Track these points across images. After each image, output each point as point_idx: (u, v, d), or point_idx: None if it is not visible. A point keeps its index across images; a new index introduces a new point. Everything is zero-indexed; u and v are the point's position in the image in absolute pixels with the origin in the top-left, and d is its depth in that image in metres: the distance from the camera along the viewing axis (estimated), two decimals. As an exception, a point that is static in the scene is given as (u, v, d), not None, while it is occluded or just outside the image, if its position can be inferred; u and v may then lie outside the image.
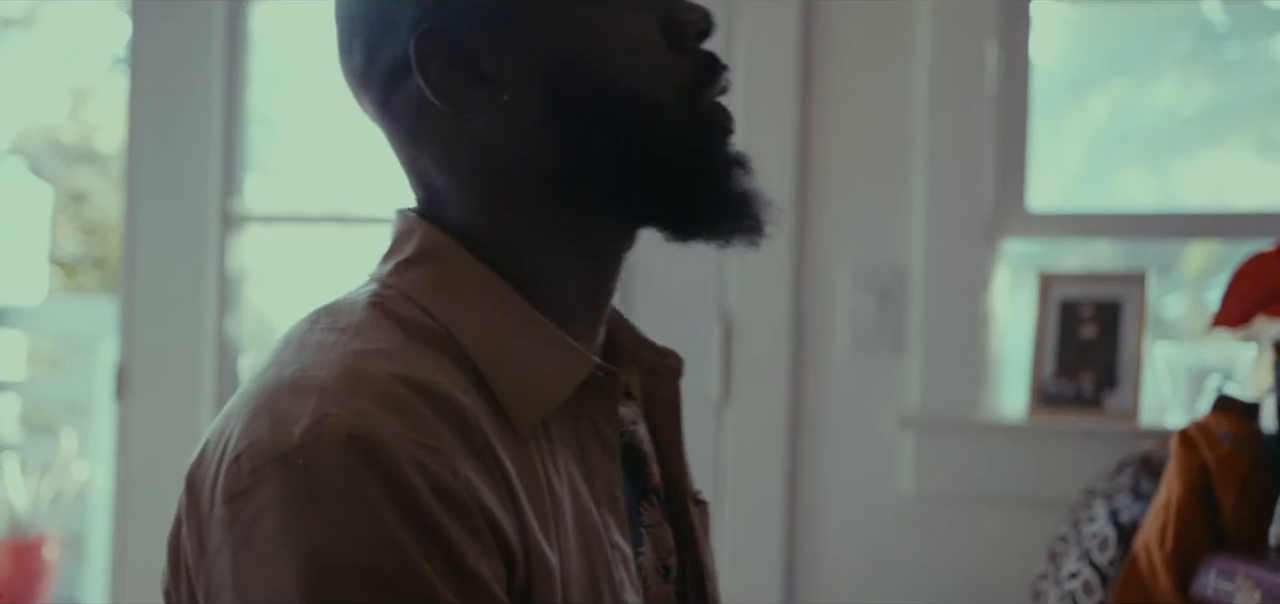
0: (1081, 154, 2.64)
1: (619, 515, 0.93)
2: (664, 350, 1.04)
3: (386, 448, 0.78)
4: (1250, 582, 1.51)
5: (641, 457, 1.00)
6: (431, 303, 0.90)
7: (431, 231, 0.93)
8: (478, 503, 0.80)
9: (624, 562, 0.92)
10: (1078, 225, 2.52)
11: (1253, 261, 1.95)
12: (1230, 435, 1.67)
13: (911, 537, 2.40)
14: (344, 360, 0.84)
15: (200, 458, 0.86)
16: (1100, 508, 1.89)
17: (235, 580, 0.80)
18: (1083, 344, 2.36)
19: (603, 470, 0.93)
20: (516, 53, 0.90)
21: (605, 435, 0.93)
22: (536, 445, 0.88)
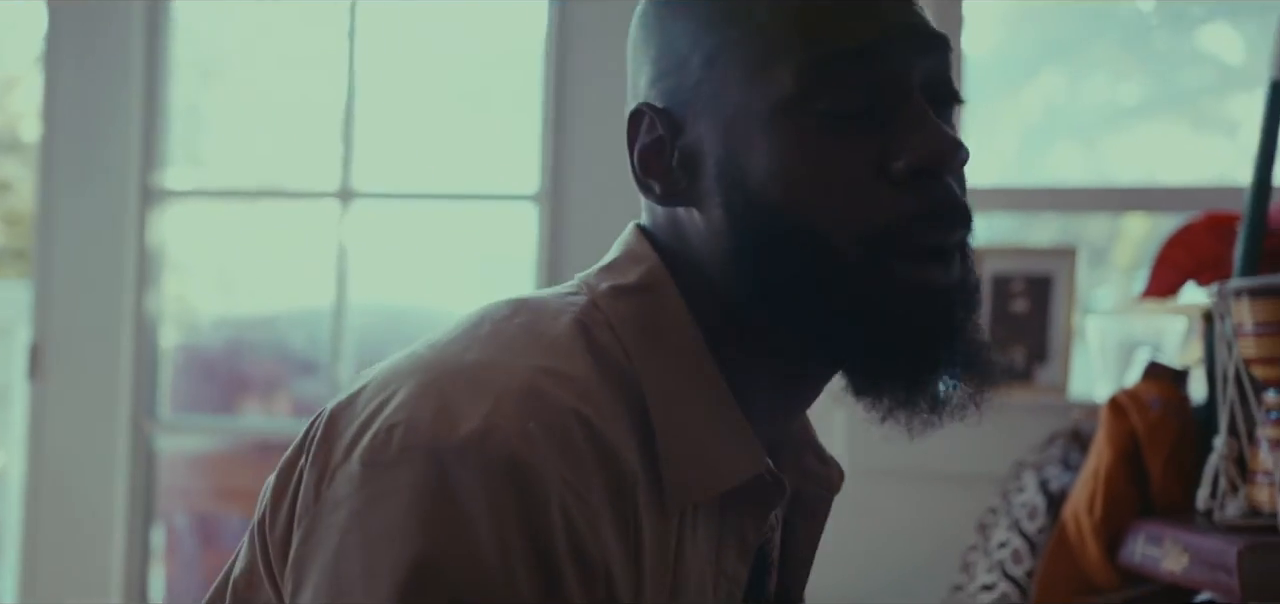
0: (1016, 138, 2.63)
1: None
2: (828, 459, 0.99)
3: (538, 480, 0.75)
4: (1178, 546, 1.50)
5: (767, 564, 0.96)
6: (633, 343, 0.85)
7: (657, 267, 0.88)
8: (604, 566, 0.77)
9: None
10: (1010, 200, 2.52)
11: (1182, 232, 1.95)
12: (1160, 402, 1.65)
13: (843, 512, 2.36)
14: (531, 373, 0.79)
15: (351, 401, 0.82)
16: (1030, 478, 1.88)
17: (338, 546, 0.76)
18: (1014, 318, 2.35)
19: (731, 571, 0.89)
20: (708, 157, 0.85)
21: (748, 538, 0.89)
22: (679, 526, 0.84)
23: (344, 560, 0.76)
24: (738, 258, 0.84)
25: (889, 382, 0.85)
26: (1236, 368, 1.49)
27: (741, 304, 0.85)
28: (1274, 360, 1.44)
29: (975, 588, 1.85)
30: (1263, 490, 1.45)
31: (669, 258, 0.88)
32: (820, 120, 0.82)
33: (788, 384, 0.90)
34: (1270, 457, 1.44)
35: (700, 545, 0.85)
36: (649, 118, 0.88)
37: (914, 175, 0.82)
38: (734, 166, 0.84)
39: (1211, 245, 1.88)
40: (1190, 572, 1.47)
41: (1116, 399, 1.68)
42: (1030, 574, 1.76)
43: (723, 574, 0.88)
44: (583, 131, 2.53)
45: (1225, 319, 1.50)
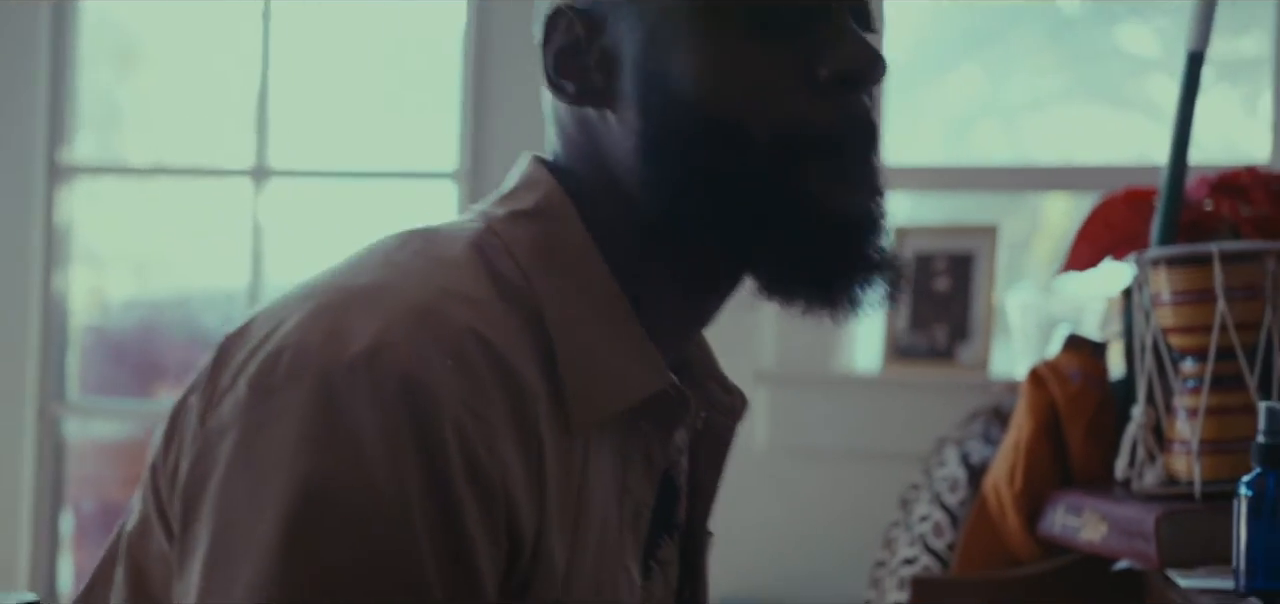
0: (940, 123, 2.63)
1: (637, 541, 0.88)
2: (732, 388, 0.97)
3: (433, 399, 0.73)
4: (1097, 515, 1.50)
5: (675, 490, 0.94)
6: (531, 266, 0.83)
7: (554, 190, 0.86)
8: (504, 487, 0.75)
9: (631, 588, 0.87)
10: (932, 179, 2.52)
11: (1102, 207, 1.96)
12: (1080, 374, 1.66)
13: (765, 491, 2.37)
14: (425, 293, 0.77)
15: (242, 331, 0.79)
16: (951, 453, 1.88)
17: (225, 473, 0.74)
18: (936, 297, 2.36)
19: (637, 492, 0.87)
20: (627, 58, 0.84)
21: (653, 458, 0.87)
22: (583, 445, 0.82)
23: (231, 487, 0.74)
24: (652, 157, 0.83)
25: (802, 284, 0.84)
26: (1154, 337, 1.50)
27: (651, 208, 0.84)
28: (1191, 330, 1.45)
29: (897, 562, 1.85)
30: (1180, 459, 1.46)
31: (574, 172, 0.87)
32: (745, 23, 0.82)
33: (693, 295, 0.89)
34: (1187, 425, 1.44)
35: (605, 465, 0.84)
36: (567, 19, 0.86)
37: (838, 83, 0.82)
38: (654, 66, 0.83)
39: (1130, 220, 1.88)
40: (1109, 540, 1.47)
41: (1037, 371, 1.68)
42: (951, 547, 1.75)
43: (628, 494, 0.86)
44: (503, 108, 2.50)
45: (1143, 289, 1.50)
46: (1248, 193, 1.80)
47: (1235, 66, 2.47)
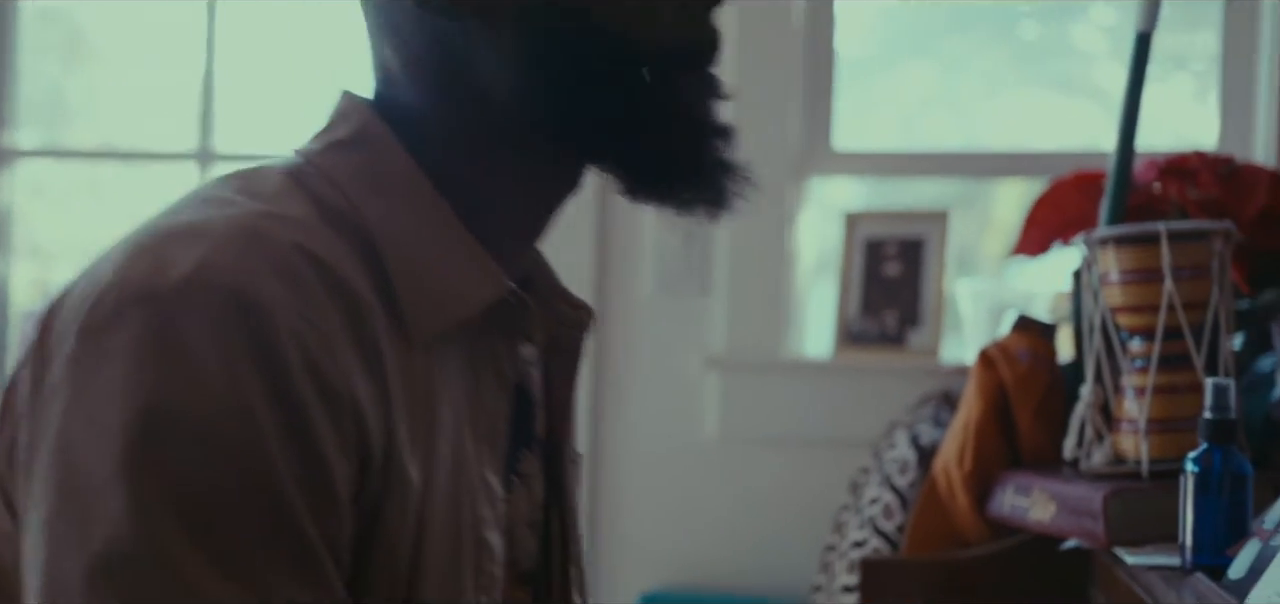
0: (892, 112, 2.63)
1: (496, 454, 0.88)
2: (578, 302, 0.98)
3: (266, 312, 0.73)
4: (1045, 495, 1.50)
5: (531, 402, 0.95)
6: (354, 191, 0.83)
7: (371, 119, 0.86)
8: (349, 393, 0.75)
9: (491, 500, 0.87)
10: (883, 164, 2.52)
11: (1052, 190, 1.96)
12: (1029, 354, 1.66)
13: (717, 478, 2.36)
14: (247, 217, 0.77)
15: (61, 297, 0.78)
16: (901, 435, 1.87)
17: (62, 424, 0.73)
18: (887, 282, 2.35)
19: (490, 404, 0.87)
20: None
21: (502, 369, 0.88)
22: (427, 359, 0.82)
23: (68, 435, 0.72)
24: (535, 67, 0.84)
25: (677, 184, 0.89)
26: (1102, 317, 1.50)
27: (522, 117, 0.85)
28: (1139, 309, 1.45)
29: (847, 545, 1.84)
30: (1128, 439, 1.46)
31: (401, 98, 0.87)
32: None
33: (535, 206, 0.91)
34: (1135, 404, 1.45)
35: (453, 380, 0.84)
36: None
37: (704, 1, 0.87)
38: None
39: (1079, 203, 1.89)
40: (1057, 519, 1.47)
41: (986, 352, 1.68)
42: (901, 529, 1.75)
43: (482, 408, 0.87)
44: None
45: (1092, 269, 1.50)
46: (1195, 176, 1.81)
47: (1185, 59, 2.49)
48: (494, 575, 0.87)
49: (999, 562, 1.57)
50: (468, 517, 0.84)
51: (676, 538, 2.37)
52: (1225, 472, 1.20)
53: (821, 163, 2.43)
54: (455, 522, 0.83)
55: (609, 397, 2.41)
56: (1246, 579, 1.07)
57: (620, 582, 2.38)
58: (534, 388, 0.95)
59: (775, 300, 2.36)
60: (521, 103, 0.85)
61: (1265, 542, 1.09)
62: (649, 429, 2.39)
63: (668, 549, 2.37)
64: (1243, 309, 1.74)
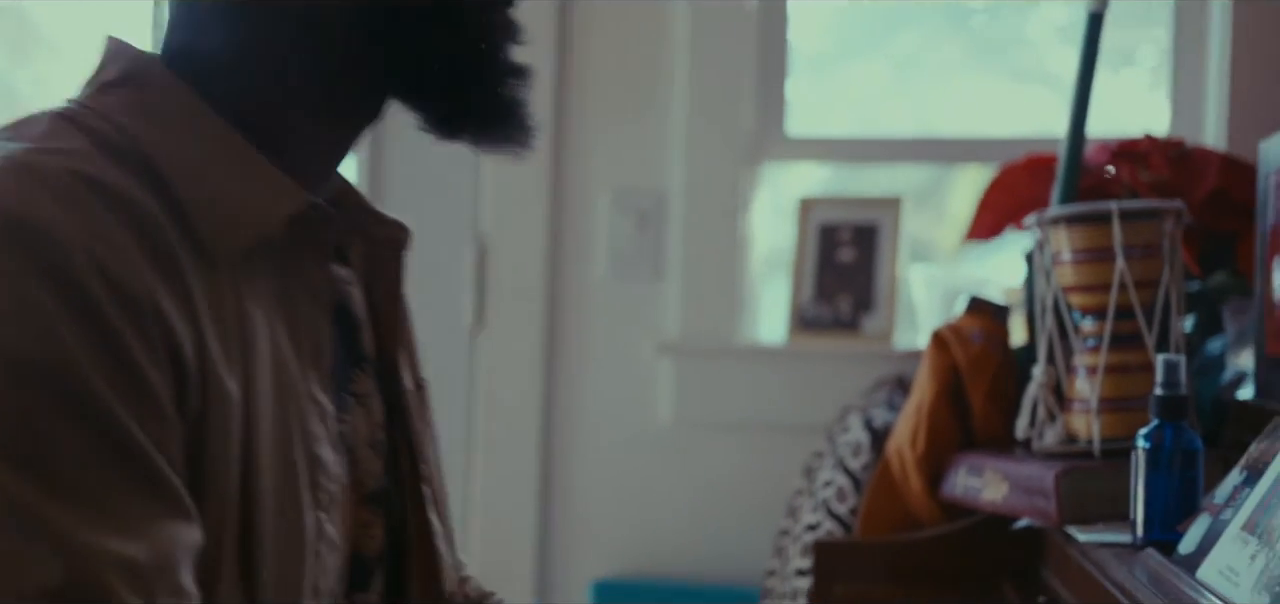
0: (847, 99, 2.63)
1: (322, 372, 0.88)
2: (389, 220, 0.99)
3: (54, 237, 0.73)
4: (998, 475, 1.50)
5: (355, 322, 0.95)
6: (129, 124, 0.82)
7: (140, 56, 0.87)
8: (150, 300, 0.74)
9: (322, 417, 0.87)
10: (836, 151, 2.51)
11: (1003, 175, 1.96)
12: (982, 335, 1.65)
13: (671, 464, 2.35)
14: (16, 155, 0.76)
15: None
16: (855, 419, 1.87)
17: None
18: (840, 268, 2.35)
19: (309, 323, 0.88)
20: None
21: (315, 287, 0.89)
22: (233, 279, 0.82)
23: None
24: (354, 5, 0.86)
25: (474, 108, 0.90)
26: (1054, 297, 1.49)
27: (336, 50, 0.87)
28: (1090, 288, 1.45)
29: (800, 529, 1.84)
30: (1080, 418, 1.46)
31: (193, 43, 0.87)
32: None
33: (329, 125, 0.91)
34: (1087, 384, 1.45)
35: (266, 299, 0.85)
36: None
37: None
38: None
39: (1031, 187, 1.89)
40: (1010, 499, 1.47)
41: (939, 333, 1.67)
42: (854, 511, 1.74)
43: (300, 326, 0.87)
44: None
45: (1044, 249, 1.50)
46: (1146, 158, 1.82)
47: (1136, 55, 2.50)
48: (332, 493, 0.87)
49: (952, 543, 1.57)
50: (298, 433, 0.84)
51: (629, 525, 2.35)
52: (1176, 448, 1.20)
53: (775, 149, 2.42)
54: (284, 438, 0.83)
55: (561, 383, 2.39)
56: (1196, 554, 1.07)
57: (573, 569, 2.36)
58: (356, 308, 0.96)
59: (729, 286, 2.35)
60: (316, 35, 0.85)
61: (1215, 516, 1.09)
62: (602, 415, 2.37)
63: (621, 536, 2.35)
64: (1193, 291, 1.74)
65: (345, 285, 0.95)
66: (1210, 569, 1.02)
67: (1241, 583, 0.94)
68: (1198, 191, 1.76)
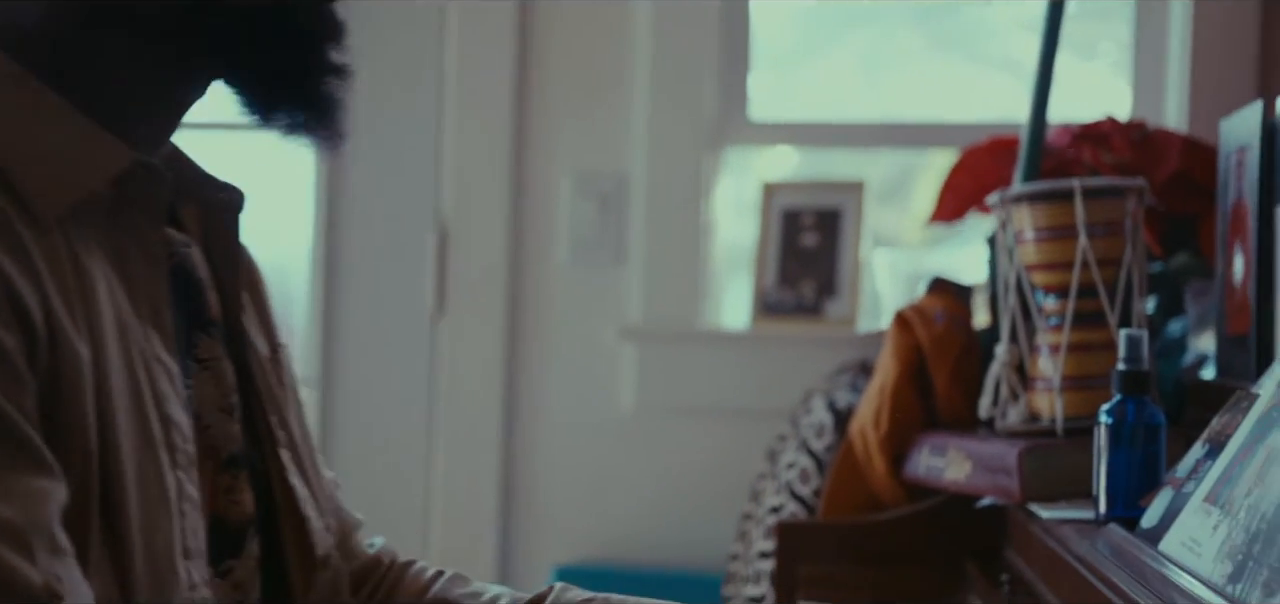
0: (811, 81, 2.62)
1: (164, 334, 0.89)
2: (227, 185, 0.99)
3: None
4: (961, 454, 1.49)
5: (196, 284, 0.96)
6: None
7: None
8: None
9: (170, 378, 0.87)
10: (798, 135, 2.50)
11: (966, 157, 1.96)
12: (945, 315, 1.65)
13: (633, 450, 2.33)
14: None
15: None
16: (818, 401, 1.86)
17: None
18: (804, 253, 2.34)
19: (146, 284, 0.88)
20: None
21: (150, 246, 0.89)
22: (67, 239, 0.82)
23: None
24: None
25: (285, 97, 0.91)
26: (1017, 275, 1.49)
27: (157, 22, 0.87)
28: (1053, 266, 1.45)
29: (764, 512, 1.83)
30: (1042, 397, 1.45)
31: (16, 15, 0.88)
32: None
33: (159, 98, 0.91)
34: (1049, 363, 1.44)
35: (101, 261, 0.85)
36: None
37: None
38: None
39: (994, 169, 1.89)
40: (973, 478, 1.46)
41: (902, 314, 1.67)
42: (817, 493, 1.74)
43: (137, 287, 0.87)
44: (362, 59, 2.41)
45: (1007, 227, 1.50)
46: (1109, 140, 1.82)
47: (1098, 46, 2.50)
48: (188, 453, 0.87)
49: (915, 523, 1.57)
50: (148, 393, 0.84)
51: (592, 511, 2.34)
52: (1138, 422, 1.20)
53: (738, 133, 2.41)
54: (136, 396, 0.83)
55: (523, 369, 2.37)
56: (1159, 527, 1.07)
57: (536, 555, 2.35)
58: (197, 271, 0.95)
59: (691, 271, 2.34)
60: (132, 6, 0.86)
61: (1178, 490, 1.09)
62: (564, 401, 2.36)
63: (583, 522, 2.34)
64: (1155, 273, 1.75)
65: (183, 248, 0.95)
66: (1172, 541, 1.01)
67: (1204, 553, 0.94)
68: (1159, 173, 1.76)
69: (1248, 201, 1.37)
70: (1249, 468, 0.94)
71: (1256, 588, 0.82)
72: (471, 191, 2.37)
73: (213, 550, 0.88)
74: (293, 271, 2.46)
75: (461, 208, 2.37)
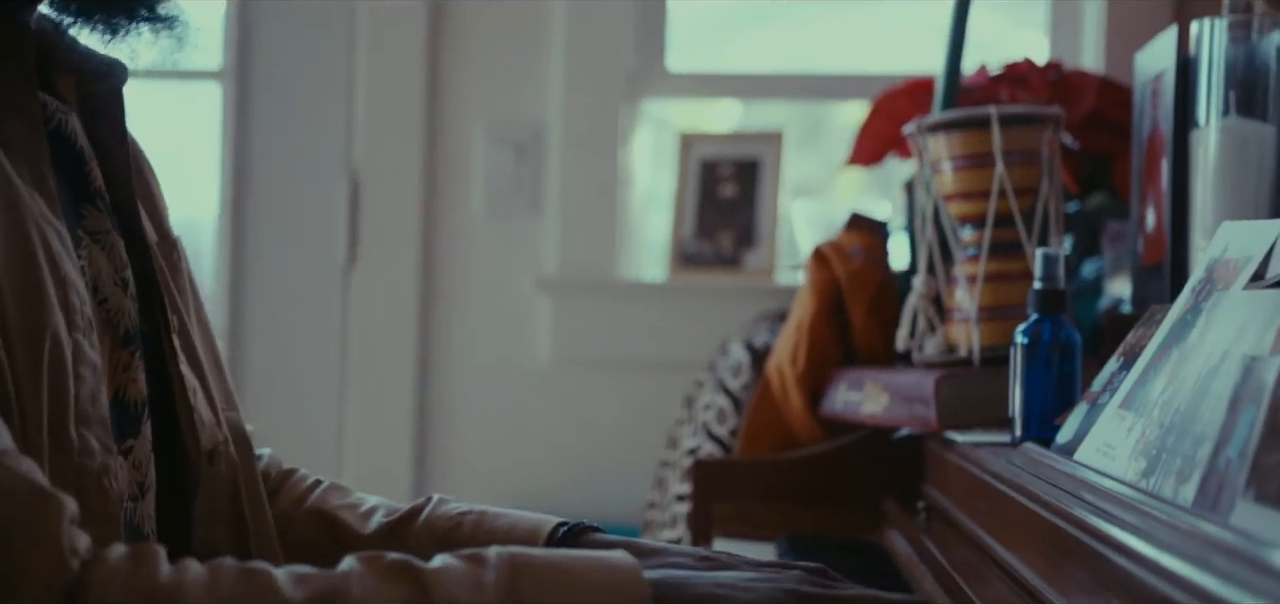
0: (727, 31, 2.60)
1: (49, 197, 0.85)
2: (106, 57, 0.96)
3: None
4: (877, 386, 1.48)
5: (78, 153, 0.93)
6: None
7: None
8: None
9: (61, 239, 0.84)
10: (715, 86, 2.48)
11: (884, 99, 1.94)
12: (862, 251, 1.63)
13: (550, 402, 2.30)
14: None
15: None
16: (735, 343, 1.84)
17: None
18: (722, 203, 2.32)
19: (24, 144, 0.85)
20: None
21: (24, 103, 0.86)
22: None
23: None
24: None
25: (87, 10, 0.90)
26: (935, 205, 1.48)
27: None
28: (970, 195, 1.43)
29: (680, 456, 1.80)
30: (959, 328, 1.44)
31: None
32: None
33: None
34: (966, 294, 1.43)
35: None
36: None
37: None
38: None
39: (912, 112, 1.87)
40: (890, 410, 1.45)
41: (820, 250, 1.65)
42: (734, 433, 1.71)
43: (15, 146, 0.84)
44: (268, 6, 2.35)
45: (924, 158, 1.48)
46: (1027, 81, 1.81)
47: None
48: (86, 315, 0.84)
49: (831, 460, 1.55)
50: (39, 250, 0.81)
51: (509, 463, 2.30)
52: (1054, 342, 1.19)
53: (655, 85, 2.38)
54: (23, 248, 0.80)
55: (439, 320, 2.33)
56: (1074, 440, 1.05)
57: (450, 509, 2.30)
58: (76, 136, 0.93)
59: (608, 222, 2.31)
60: None
61: (1093, 404, 1.07)
62: (480, 353, 2.32)
63: (499, 474, 2.30)
64: (1072, 213, 1.74)
65: (61, 114, 0.92)
66: (1088, 449, 1.00)
67: (1118, 455, 0.92)
68: (1076, 113, 1.76)
69: (1163, 128, 1.37)
70: (1163, 371, 0.93)
71: (1170, 477, 0.80)
72: (384, 140, 2.32)
73: (114, 427, 0.85)
74: (201, 224, 2.39)
75: (374, 156, 2.32)
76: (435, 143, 2.32)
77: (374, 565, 0.76)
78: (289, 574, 0.74)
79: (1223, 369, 0.80)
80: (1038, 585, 0.92)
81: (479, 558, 0.78)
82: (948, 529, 1.27)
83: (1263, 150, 1.25)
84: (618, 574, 0.81)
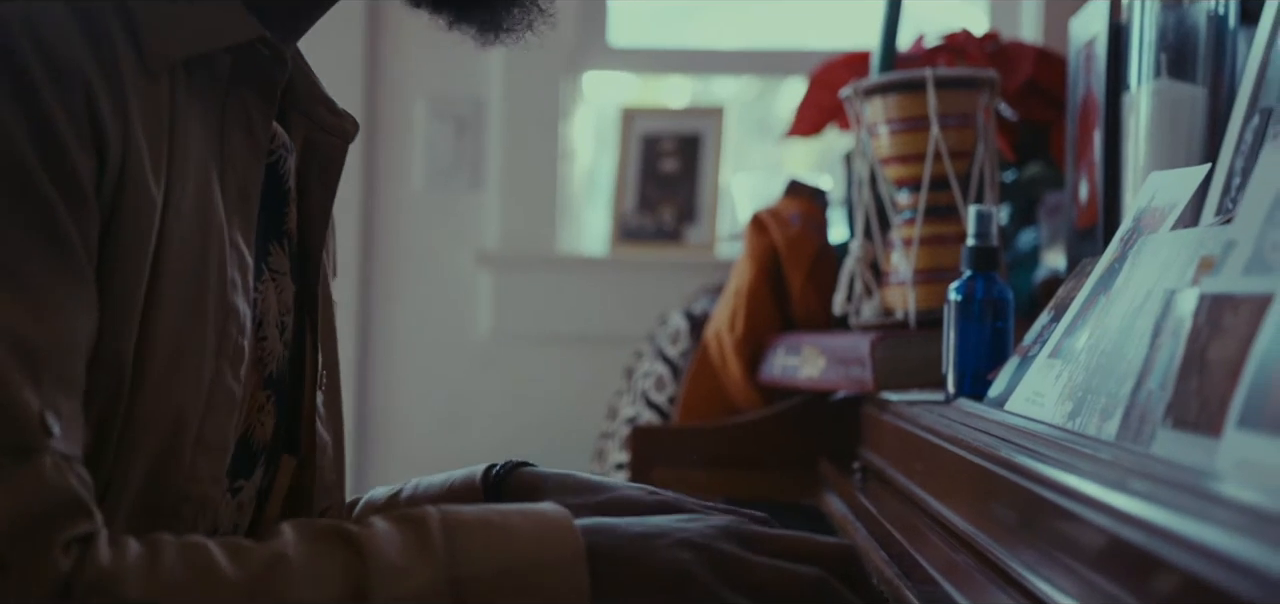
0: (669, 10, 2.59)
1: (246, 221, 0.85)
2: (340, 111, 0.98)
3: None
4: (815, 350, 1.48)
5: (284, 192, 0.92)
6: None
7: None
8: (86, 87, 0.73)
9: (240, 266, 0.84)
10: (657, 61, 2.48)
11: (823, 71, 1.95)
12: (800, 218, 1.64)
13: (490, 377, 2.29)
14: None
15: None
16: (675, 311, 1.84)
17: None
18: (663, 178, 2.32)
19: (241, 164, 0.84)
20: None
21: (254, 130, 0.85)
22: (171, 91, 0.79)
23: None
24: None
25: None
26: (871, 170, 1.48)
27: None
28: (907, 159, 1.44)
29: (619, 424, 1.80)
30: (895, 292, 1.44)
31: None
32: None
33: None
34: (902, 258, 1.43)
35: (199, 119, 0.82)
36: None
37: None
38: None
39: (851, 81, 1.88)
40: (827, 373, 1.45)
41: (758, 216, 1.65)
42: (673, 400, 1.71)
43: (231, 165, 0.84)
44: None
45: (861, 122, 1.48)
46: (964, 51, 1.82)
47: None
48: (241, 347, 0.83)
49: (769, 425, 1.55)
50: (213, 270, 0.81)
51: (447, 438, 2.29)
52: (987, 298, 1.20)
53: (596, 58, 2.38)
54: (199, 270, 0.80)
55: (379, 295, 2.31)
56: (1005, 393, 1.06)
57: (391, 481, 2.29)
58: (288, 176, 0.92)
59: (549, 196, 2.30)
60: None
61: (1024, 357, 1.08)
62: (420, 327, 2.31)
63: (438, 448, 2.29)
64: (1008, 182, 1.75)
65: (283, 151, 0.91)
66: (1017, 399, 1.01)
67: (1046, 402, 0.93)
68: (1013, 82, 1.77)
69: (1096, 92, 1.38)
70: (1090, 318, 0.94)
71: (1094, 415, 0.81)
72: (323, 113, 2.30)
73: (232, 463, 0.84)
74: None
75: (312, 130, 2.30)
76: (375, 117, 2.31)
77: (306, 531, 0.75)
78: (226, 548, 0.73)
79: (1146, 307, 0.81)
80: (969, 531, 0.92)
81: (411, 518, 0.78)
82: (883, 488, 1.28)
83: (1193, 112, 1.26)
84: (551, 526, 0.81)
